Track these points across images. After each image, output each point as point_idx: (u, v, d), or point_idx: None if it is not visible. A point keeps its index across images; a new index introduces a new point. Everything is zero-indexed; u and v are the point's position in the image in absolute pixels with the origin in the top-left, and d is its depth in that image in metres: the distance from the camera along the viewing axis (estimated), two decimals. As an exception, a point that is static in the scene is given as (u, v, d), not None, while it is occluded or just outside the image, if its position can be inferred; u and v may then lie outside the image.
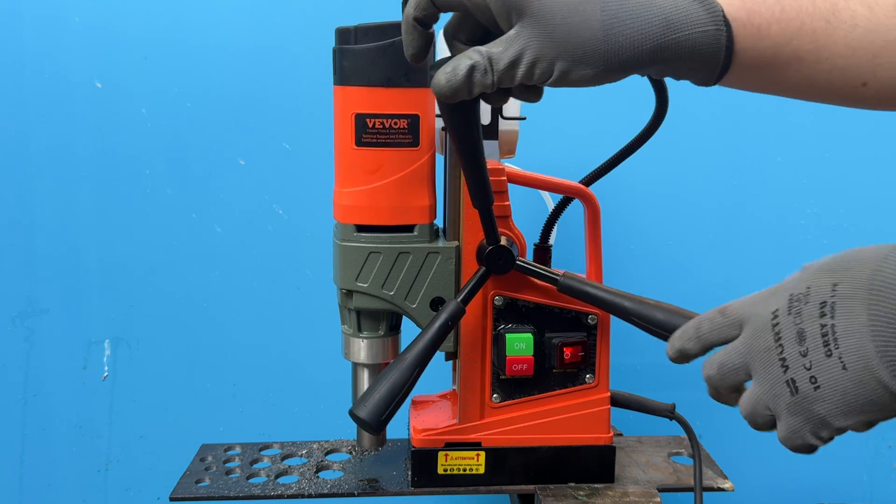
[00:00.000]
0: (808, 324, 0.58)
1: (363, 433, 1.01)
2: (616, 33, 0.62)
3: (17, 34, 1.30)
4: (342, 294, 0.95)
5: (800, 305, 0.59)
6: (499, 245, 0.90)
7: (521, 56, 0.63)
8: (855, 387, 0.57)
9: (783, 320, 0.60)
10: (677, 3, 0.63)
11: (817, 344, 0.58)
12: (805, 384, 0.59)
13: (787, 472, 1.45)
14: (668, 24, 0.63)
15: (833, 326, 0.57)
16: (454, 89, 0.65)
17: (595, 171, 1.01)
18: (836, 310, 0.57)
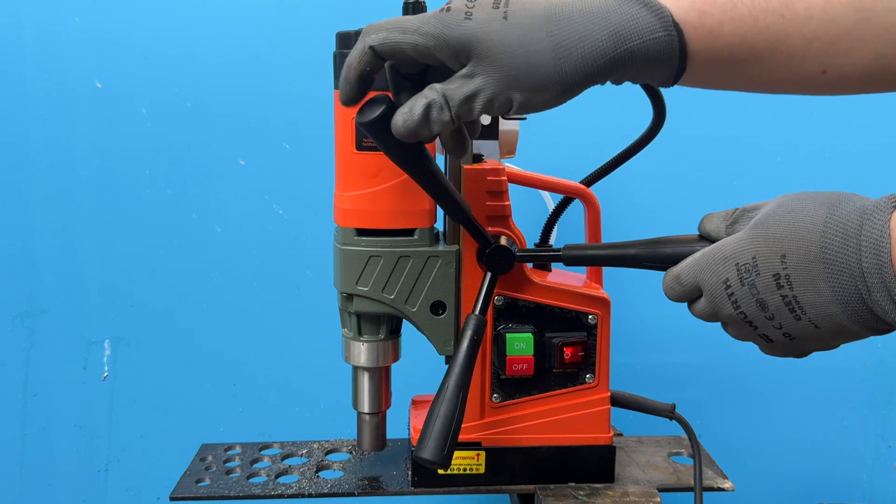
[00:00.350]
0: (766, 295, 0.63)
1: (363, 435, 1.01)
2: (567, 56, 0.63)
3: (17, 34, 1.30)
4: (342, 298, 0.95)
5: (751, 277, 0.63)
6: (497, 246, 0.90)
7: (478, 91, 0.64)
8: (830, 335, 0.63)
9: (738, 291, 0.65)
10: (624, 13, 0.63)
11: (783, 312, 0.63)
12: (779, 337, 0.65)
13: (787, 472, 1.46)
14: (618, 37, 0.63)
15: (795, 297, 0.61)
16: (411, 130, 0.66)
17: (596, 172, 1.01)
18: (792, 282, 0.61)
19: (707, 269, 0.67)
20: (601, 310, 0.96)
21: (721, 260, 0.66)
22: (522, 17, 0.63)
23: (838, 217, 0.60)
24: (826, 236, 0.59)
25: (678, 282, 0.71)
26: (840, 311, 0.60)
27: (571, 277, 1.01)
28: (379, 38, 0.66)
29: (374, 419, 1.00)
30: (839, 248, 0.59)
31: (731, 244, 0.66)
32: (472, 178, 0.92)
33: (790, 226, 0.62)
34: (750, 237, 0.64)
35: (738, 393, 1.44)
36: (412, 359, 1.03)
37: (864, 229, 0.58)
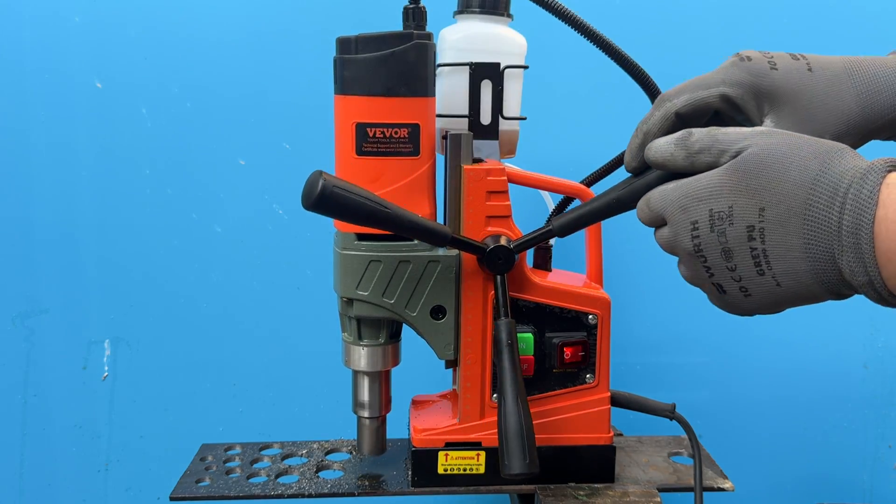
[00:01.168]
0: (734, 244, 0.62)
1: (363, 439, 1.01)
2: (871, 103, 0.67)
3: (17, 34, 1.30)
4: (342, 302, 0.95)
5: (724, 225, 0.62)
6: (494, 247, 0.90)
7: None
8: (787, 295, 0.61)
9: (704, 236, 0.63)
10: None
11: (747, 265, 0.61)
12: (734, 290, 0.64)
13: (787, 472, 1.46)
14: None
15: (764, 251, 0.60)
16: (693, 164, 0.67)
17: (597, 172, 1.01)
18: (765, 235, 0.60)
19: (676, 203, 0.65)
20: (601, 310, 0.96)
21: (694, 200, 0.63)
22: (825, 69, 0.68)
23: (830, 175, 0.58)
24: (813, 194, 0.58)
25: (648, 205, 0.69)
26: (806, 267, 0.58)
27: (571, 277, 1.01)
28: (682, 101, 0.69)
29: (374, 423, 1.00)
30: (824, 207, 0.57)
31: (706, 185, 0.63)
32: (472, 178, 0.92)
33: (777, 178, 0.59)
34: (729, 184, 0.61)
35: (738, 393, 1.44)
36: (412, 359, 1.03)
37: (853, 189, 0.57)
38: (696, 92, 0.69)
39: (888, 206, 0.55)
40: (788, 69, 0.68)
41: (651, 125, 0.71)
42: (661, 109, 0.70)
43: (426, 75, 0.90)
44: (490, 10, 0.98)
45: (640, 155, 0.72)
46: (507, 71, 0.97)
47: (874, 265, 0.55)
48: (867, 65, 0.68)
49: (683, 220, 0.64)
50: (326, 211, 0.80)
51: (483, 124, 0.98)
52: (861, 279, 0.57)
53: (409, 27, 0.91)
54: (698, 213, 0.63)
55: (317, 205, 0.78)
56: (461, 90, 0.98)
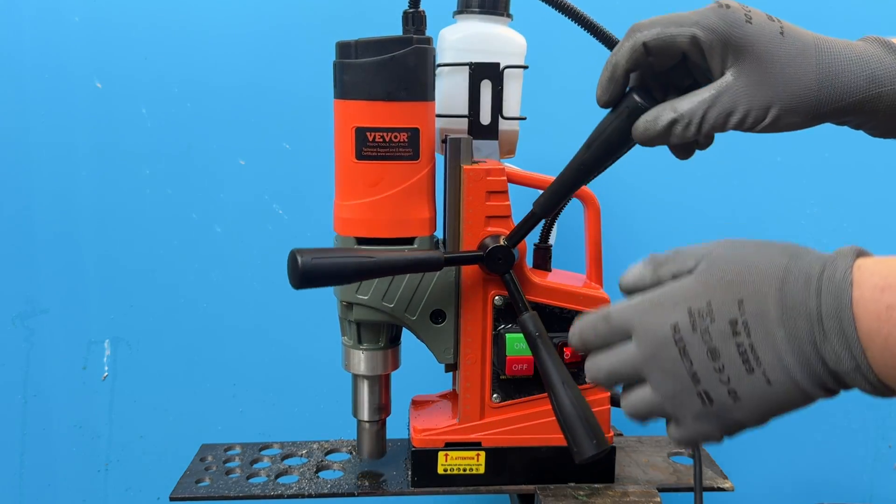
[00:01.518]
0: (720, 342, 0.58)
1: (363, 442, 1.01)
2: (829, 84, 0.66)
3: (17, 34, 1.30)
4: (342, 306, 0.96)
5: (706, 323, 0.58)
6: (493, 248, 0.90)
7: (737, 103, 0.66)
8: (778, 397, 0.58)
9: (688, 337, 0.59)
10: (882, 60, 0.66)
11: (735, 363, 0.58)
12: (722, 396, 0.59)
13: (787, 472, 1.46)
14: (873, 79, 0.66)
15: (752, 346, 0.57)
16: (649, 137, 0.68)
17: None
18: (750, 328, 0.57)
19: (650, 311, 0.61)
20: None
21: (671, 304, 0.60)
22: (795, 38, 0.67)
23: (801, 264, 0.57)
24: (787, 282, 0.57)
25: (606, 320, 0.63)
26: (794, 361, 0.56)
27: (571, 278, 1.01)
28: (653, 34, 0.67)
29: (373, 427, 1.01)
30: (800, 294, 0.56)
31: (680, 289, 0.60)
32: (471, 178, 0.92)
33: (748, 271, 0.59)
34: (702, 282, 0.60)
35: (738, 393, 1.43)
36: (412, 359, 1.03)
37: (826, 273, 0.56)
38: (668, 27, 0.67)
39: (863, 287, 0.54)
40: (762, 27, 0.67)
41: (620, 56, 0.68)
42: (631, 40, 0.68)
43: (426, 80, 0.90)
44: (490, 10, 0.98)
45: (611, 88, 0.70)
46: (506, 71, 0.97)
47: (859, 348, 0.54)
48: (834, 45, 0.67)
49: (662, 327, 0.60)
50: (315, 283, 0.80)
51: (483, 124, 0.98)
52: (847, 365, 0.55)
53: (409, 32, 0.91)
54: (677, 315, 0.59)
55: (303, 282, 0.79)
56: (461, 90, 0.98)
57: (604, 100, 0.72)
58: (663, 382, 0.60)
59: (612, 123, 0.72)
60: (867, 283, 0.54)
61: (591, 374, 0.64)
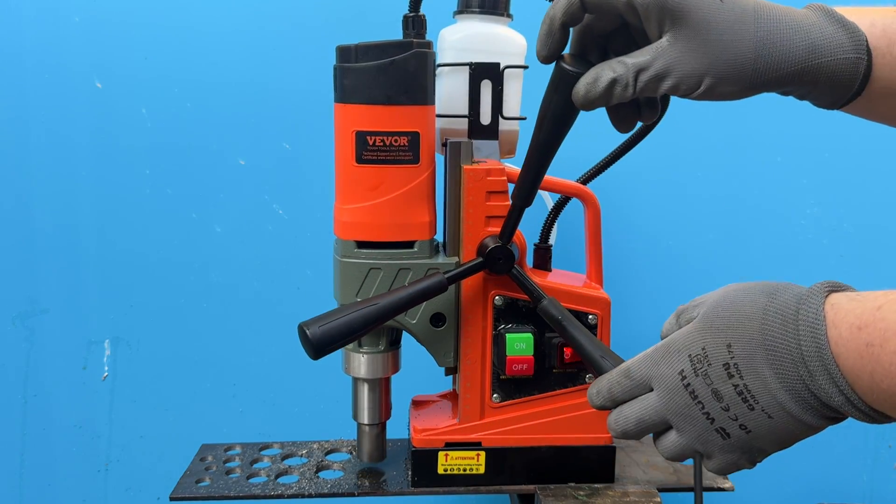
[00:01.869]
0: (719, 384, 0.62)
1: (363, 445, 1.02)
2: (765, 54, 0.64)
3: (17, 34, 1.30)
4: None
5: (704, 367, 0.62)
6: (503, 246, 0.90)
7: (670, 68, 0.64)
8: (784, 428, 0.61)
9: (693, 382, 0.63)
10: (823, 29, 0.64)
11: (737, 402, 0.61)
12: (735, 430, 0.63)
13: (787, 472, 1.46)
14: (812, 49, 0.64)
15: (746, 386, 0.61)
16: (591, 99, 0.66)
17: (593, 170, 1.01)
18: (741, 370, 0.61)
19: (662, 361, 0.65)
20: (601, 310, 0.96)
21: (675, 352, 0.64)
22: (735, 4, 0.64)
23: (776, 304, 0.59)
24: (766, 323, 0.59)
25: (627, 376, 0.67)
26: (787, 398, 0.59)
27: (571, 278, 1.01)
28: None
29: (373, 430, 1.01)
30: (779, 334, 0.58)
31: (681, 337, 0.65)
32: (471, 178, 0.92)
33: (732, 315, 0.62)
34: (698, 329, 0.63)
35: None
36: (412, 359, 1.03)
37: (801, 314, 0.58)
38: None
39: (839, 326, 0.56)
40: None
41: (557, 10, 0.67)
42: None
43: (426, 84, 0.90)
44: (490, 10, 0.98)
45: (549, 42, 0.69)
46: (506, 71, 0.97)
47: (846, 384, 0.56)
48: (775, 13, 0.65)
49: (672, 375, 0.64)
50: (332, 348, 0.82)
51: (483, 124, 0.98)
52: (838, 400, 0.57)
53: (409, 36, 0.91)
54: (681, 363, 0.64)
55: (320, 351, 0.81)
56: (461, 90, 0.98)
57: (542, 55, 0.70)
58: (685, 426, 0.65)
59: (552, 98, 0.71)
60: (843, 323, 0.56)
61: (619, 426, 0.68)
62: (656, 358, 0.66)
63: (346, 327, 0.82)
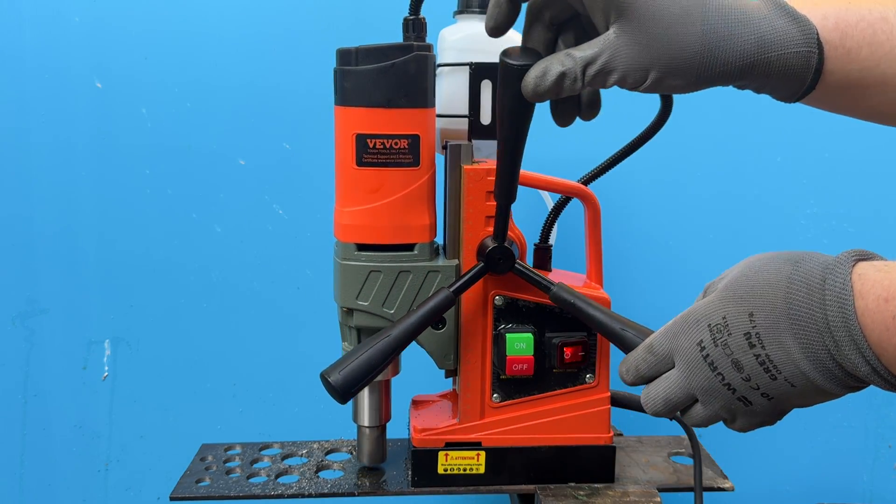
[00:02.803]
0: (740, 355, 0.62)
1: (363, 448, 1.02)
2: (713, 48, 0.63)
3: (17, 34, 1.30)
4: (343, 312, 0.96)
5: (724, 337, 0.62)
6: (501, 245, 0.90)
7: (616, 62, 0.63)
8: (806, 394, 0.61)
9: (713, 352, 0.63)
10: (773, 23, 0.63)
11: (758, 372, 0.61)
12: (758, 399, 0.63)
13: (787, 472, 1.46)
14: (762, 43, 0.63)
15: (768, 356, 0.60)
16: (540, 93, 0.66)
17: (595, 171, 1.01)
18: (763, 340, 0.60)
19: (681, 333, 0.65)
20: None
21: (693, 323, 0.64)
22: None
23: (802, 273, 0.59)
24: (790, 292, 0.59)
25: (651, 352, 0.68)
26: (810, 367, 0.59)
27: (571, 277, 1.01)
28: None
29: (374, 432, 1.01)
30: (804, 304, 0.58)
31: (701, 307, 0.65)
32: (471, 178, 0.92)
33: (756, 284, 0.61)
34: (719, 298, 0.63)
35: (738, 393, 1.43)
36: (412, 359, 1.03)
37: (828, 283, 0.57)
38: None
39: (866, 297, 0.56)
40: None
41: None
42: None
43: (426, 86, 0.90)
44: (490, 10, 0.98)
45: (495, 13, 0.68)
46: (507, 71, 0.97)
47: (872, 356, 0.56)
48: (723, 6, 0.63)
49: (691, 346, 0.64)
50: (357, 388, 0.83)
51: (483, 124, 0.98)
52: (864, 370, 0.57)
53: (410, 38, 0.91)
54: (700, 333, 0.64)
55: (346, 395, 0.82)
56: (461, 90, 0.98)
57: (489, 26, 0.69)
58: (708, 398, 0.65)
59: (503, 93, 0.70)
60: (870, 294, 0.56)
61: (650, 408, 0.69)
62: (676, 330, 0.66)
63: (367, 365, 0.83)
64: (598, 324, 0.83)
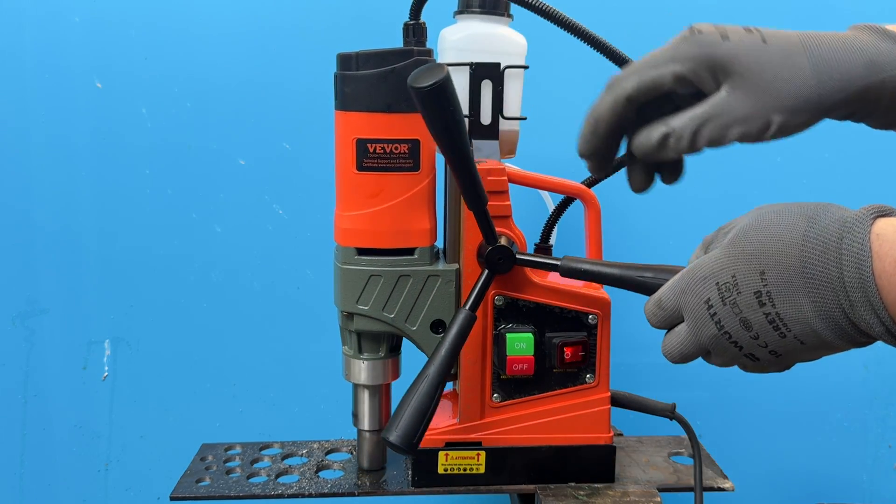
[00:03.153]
0: (749, 313, 0.62)
1: (364, 452, 1.02)
2: (828, 77, 0.64)
3: (17, 34, 1.30)
4: (343, 316, 0.96)
5: (733, 296, 0.62)
6: (497, 245, 0.90)
7: (734, 117, 0.65)
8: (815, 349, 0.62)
9: (720, 311, 0.63)
10: (878, 45, 0.64)
11: (767, 330, 0.61)
12: (765, 355, 0.64)
13: (788, 472, 1.46)
14: (872, 65, 0.64)
15: (778, 314, 0.60)
16: (644, 154, 0.69)
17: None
18: (774, 298, 0.60)
19: (688, 290, 0.65)
20: (601, 310, 0.96)
21: (700, 280, 0.64)
22: (780, 41, 0.65)
23: (817, 230, 0.59)
24: (805, 250, 0.58)
25: (660, 306, 0.68)
26: (823, 326, 0.59)
27: (572, 277, 1.01)
28: (632, 84, 0.67)
29: (374, 436, 1.01)
30: (819, 263, 0.58)
31: (708, 263, 0.64)
32: (472, 177, 0.92)
33: (768, 241, 0.61)
34: (727, 255, 0.63)
35: (738, 393, 1.44)
36: (412, 359, 1.03)
37: (845, 243, 0.57)
38: (645, 72, 0.67)
39: (884, 259, 0.55)
40: (741, 40, 0.65)
41: (602, 111, 0.69)
42: (612, 93, 0.68)
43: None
44: (490, 10, 0.98)
45: (593, 141, 0.71)
46: (507, 71, 0.97)
47: (888, 317, 0.56)
48: (823, 39, 0.65)
49: (698, 303, 0.64)
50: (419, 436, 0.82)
51: (483, 124, 0.98)
52: (878, 330, 0.57)
53: (410, 43, 0.91)
54: (708, 291, 0.63)
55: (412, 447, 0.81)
56: (462, 90, 0.98)
57: (586, 152, 0.72)
58: (715, 353, 0.66)
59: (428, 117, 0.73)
60: (888, 257, 0.55)
61: (669, 359, 0.70)
62: (683, 286, 0.66)
63: (418, 412, 0.82)
64: (618, 279, 0.82)
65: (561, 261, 0.87)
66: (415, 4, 0.91)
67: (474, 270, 0.93)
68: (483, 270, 0.90)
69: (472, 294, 0.89)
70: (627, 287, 0.80)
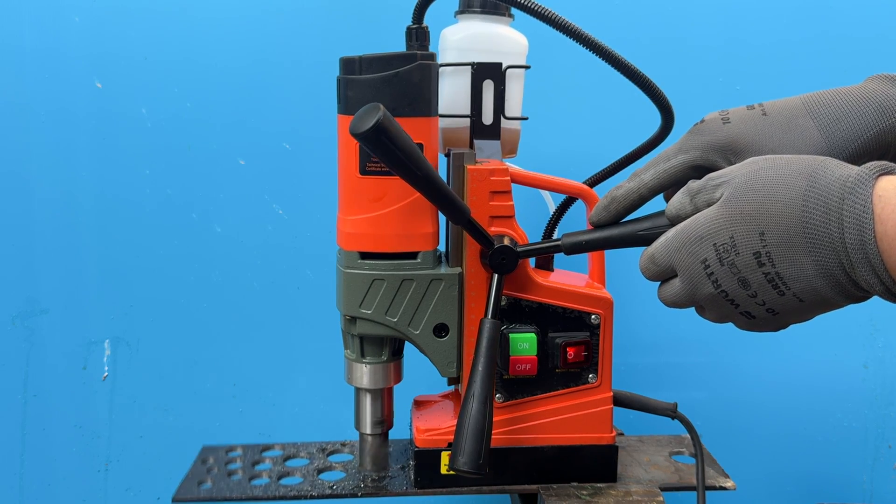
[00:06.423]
0: (747, 273, 0.63)
1: (365, 455, 1.01)
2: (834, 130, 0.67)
3: (17, 34, 1.30)
4: (345, 320, 0.95)
5: (731, 257, 0.63)
6: (500, 246, 0.90)
7: None
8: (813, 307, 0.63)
9: (718, 271, 0.64)
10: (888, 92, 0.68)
11: (766, 288, 0.63)
12: (762, 313, 0.65)
13: (788, 472, 1.46)
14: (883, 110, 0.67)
15: (778, 274, 0.61)
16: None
17: (601, 173, 1.01)
18: (773, 259, 0.61)
19: (683, 249, 0.66)
20: (604, 310, 0.96)
21: (696, 240, 0.65)
22: (780, 110, 0.70)
23: (818, 189, 0.59)
24: (807, 210, 0.59)
25: (653, 262, 0.70)
26: (824, 284, 0.60)
27: (574, 277, 1.01)
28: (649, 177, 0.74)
29: (376, 440, 1.01)
30: (821, 223, 0.58)
31: (704, 223, 0.65)
32: (475, 178, 0.92)
33: (767, 201, 0.61)
34: (724, 215, 0.63)
35: (738, 393, 1.44)
36: (413, 360, 1.03)
37: (846, 203, 0.57)
38: (658, 166, 0.74)
39: (886, 223, 0.56)
40: (741, 119, 0.71)
41: (618, 195, 0.77)
42: (632, 182, 0.76)
43: (430, 95, 0.90)
44: (491, 10, 0.98)
45: (606, 216, 0.78)
46: (508, 71, 0.97)
47: (888, 277, 0.57)
48: (826, 97, 0.69)
49: (694, 263, 0.65)
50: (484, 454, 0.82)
51: (485, 124, 0.98)
52: (878, 289, 0.58)
53: (413, 47, 0.91)
54: (705, 251, 0.64)
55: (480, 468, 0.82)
56: (463, 90, 0.98)
57: (595, 222, 0.79)
58: (710, 309, 0.68)
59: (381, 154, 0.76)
60: (890, 220, 0.56)
61: (663, 303, 0.73)
62: (677, 244, 0.67)
63: (477, 433, 0.82)
64: (618, 241, 0.82)
65: (562, 240, 0.87)
66: (418, 8, 0.91)
67: (477, 274, 0.93)
68: (492, 276, 0.90)
69: (489, 302, 0.89)
70: (631, 244, 0.81)
